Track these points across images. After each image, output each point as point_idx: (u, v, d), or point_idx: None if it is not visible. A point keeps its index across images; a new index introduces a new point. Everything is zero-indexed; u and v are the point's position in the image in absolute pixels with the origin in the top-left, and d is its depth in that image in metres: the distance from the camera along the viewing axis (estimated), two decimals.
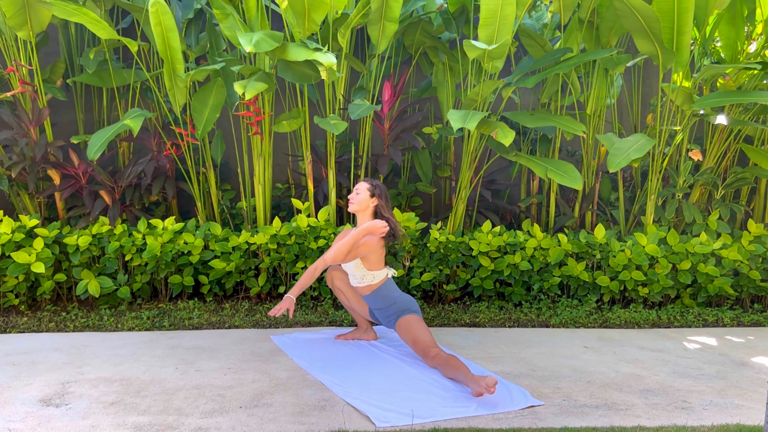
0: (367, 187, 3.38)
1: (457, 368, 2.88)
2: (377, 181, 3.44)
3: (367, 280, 3.32)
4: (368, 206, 3.36)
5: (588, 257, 4.43)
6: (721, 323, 4.26)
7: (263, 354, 3.34)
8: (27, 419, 2.47)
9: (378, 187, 3.39)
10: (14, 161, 4.29)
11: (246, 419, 2.50)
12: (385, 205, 3.38)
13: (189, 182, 4.52)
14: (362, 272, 3.31)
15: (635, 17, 3.95)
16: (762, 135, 4.97)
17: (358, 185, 3.42)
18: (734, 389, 2.97)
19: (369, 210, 3.37)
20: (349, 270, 3.38)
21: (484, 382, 2.65)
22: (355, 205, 3.37)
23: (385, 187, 3.46)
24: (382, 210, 3.36)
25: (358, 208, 3.37)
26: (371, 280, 3.31)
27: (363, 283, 3.33)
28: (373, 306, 3.39)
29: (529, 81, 4.17)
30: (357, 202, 3.37)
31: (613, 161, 3.99)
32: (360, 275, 3.33)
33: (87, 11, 3.78)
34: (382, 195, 3.38)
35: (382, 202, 3.37)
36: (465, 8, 4.54)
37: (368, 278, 3.31)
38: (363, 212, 3.38)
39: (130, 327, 3.84)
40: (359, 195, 3.36)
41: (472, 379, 2.75)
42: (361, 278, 3.33)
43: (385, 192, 3.43)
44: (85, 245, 4.11)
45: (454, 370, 2.89)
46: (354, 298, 3.53)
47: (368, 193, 3.36)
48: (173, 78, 4.13)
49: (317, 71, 4.00)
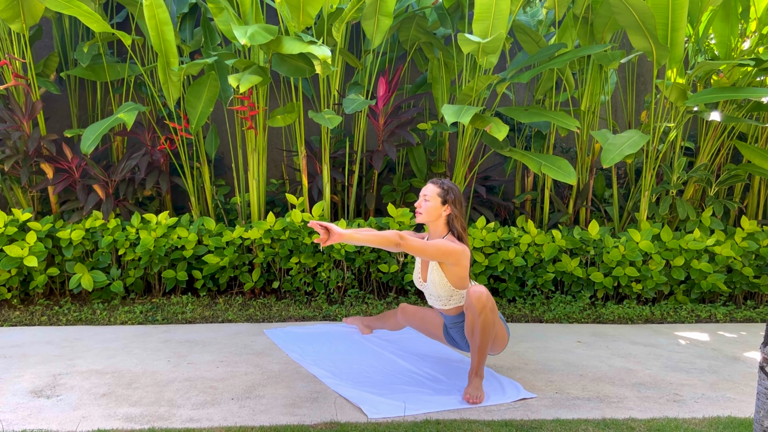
0: (438, 192, 2.79)
1: (484, 352, 2.71)
2: (449, 183, 2.83)
3: (454, 301, 2.84)
4: (440, 215, 2.79)
5: (582, 253, 4.44)
6: (714, 319, 4.27)
7: (256, 347, 3.34)
8: (18, 410, 2.46)
9: (451, 191, 2.79)
10: (7, 155, 4.27)
11: (238, 410, 2.50)
12: (459, 214, 2.79)
13: (183, 177, 4.51)
14: (449, 292, 2.82)
15: (629, 13, 3.95)
16: (755, 132, 4.99)
17: (425, 189, 2.82)
18: (726, 383, 2.98)
19: (441, 220, 2.80)
20: (431, 291, 2.87)
21: (476, 393, 2.65)
22: (423, 215, 2.80)
23: (458, 189, 2.85)
24: (454, 221, 2.79)
25: (428, 218, 2.80)
26: (458, 301, 2.83)
27: (450, 304, 2.85)
28: (452, 322, 2.95)
29: (523, 76, 4.18)
30: (426, 211, 2.79)
31: (607, 157, 4.00)
32: (447, 296, 2.82)
33: (80, 4, 3.76)
34: (456, 201, 2.79)
35: (455, 210, 2.78)
36: (460, 4, 4.54)
37: (456, 298, 2.83)
38: (434, 222, 2.81)
39: (122, 321, 3.83)
40: (428, 202, 2.79)
41: (479, 375, 2.72)
42: (448, 299, 2.84)
43: (459, 196, 2.81)
44: (79, 239, 4.10)
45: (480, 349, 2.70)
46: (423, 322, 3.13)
47: (439, 200, 2.78)
48: (167, 72, 4.12)
49: (312, 65, 4.00)
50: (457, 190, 2.83)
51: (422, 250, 2.66)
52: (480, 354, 2.70)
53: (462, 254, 2.73)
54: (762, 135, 4.95)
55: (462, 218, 2.81)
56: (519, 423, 2.43)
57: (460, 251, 2.72)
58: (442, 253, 2.70)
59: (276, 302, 4.28)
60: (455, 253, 2.71)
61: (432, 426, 2.37)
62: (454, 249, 2.71)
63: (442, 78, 4.83)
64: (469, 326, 2.69)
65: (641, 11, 3.92)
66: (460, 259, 2.73)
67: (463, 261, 2.75)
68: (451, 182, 2.86)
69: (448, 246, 2.71)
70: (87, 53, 4.37)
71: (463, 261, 2.74)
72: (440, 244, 2.70)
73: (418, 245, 2.64)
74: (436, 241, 2.72)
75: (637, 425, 2.43)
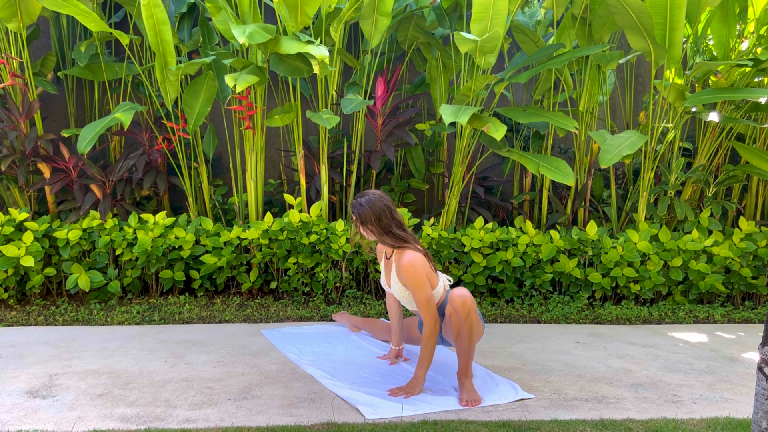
0: (356, 222, 2.80)
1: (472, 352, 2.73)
2: (359, 201, 2.77)
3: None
4: (372, 234, 2.77)
5: (580, 254, 4.44)
6: (711, 320, 4.27)
7: (253, 348, 3.33)
8: (13, 410, 2.45)
9: (360, 210, 2.75)
10: (4, 154, 4.26)
11: (235, 411, 2.49)
12: (383, 223, 2.73)
13: (180, 177, 4.50)
14: (411, 299, 2.86)
15: (627, 13, 3.95)
16: (753, 133, 4.99)
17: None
18: (724, 384, 2.98)
19: (377, 237, 2.78)
20: (397, 295, 2.92)
21: (473, 397, 2.65)
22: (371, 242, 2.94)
23: (371, 198, 2.76)
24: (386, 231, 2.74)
25: (375, 241, 2.93)
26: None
27: (416, 307, 2.86)
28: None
29: (521, 77, 4.17)
30: (370, 239, 2.84)
31: (605, 157, 3.99)
32: (410, 301, 2.87)
33: (78, 3, 3.75)
34: (371, 216, 2.73)
35: (380, 222, 2.72)
36: (458, 4, 4.53)
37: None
38: (379, 241, 2.83)
39: (119, 321, 3.82)
40: (362, 233, 2.82)
41: (468, 375, 2.72)
42: (412, 304, 2.88)
43: (373, 207, 2.73)
44: (76, 239, 4.08)
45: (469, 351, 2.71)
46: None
47: (362, 226, 2.78)
48: (165, 71, 4.11)
49: (310, 65, 3.99)
50: (369, 201, 2.74)
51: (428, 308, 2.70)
52: (468, 356, 2.71)
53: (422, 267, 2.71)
54: (760, 136, 4.96)
55: (390, 220, 2.74)
56: (517, 424, 2.42)
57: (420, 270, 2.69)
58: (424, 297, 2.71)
59: (273, 302, 4.27)
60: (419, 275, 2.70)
61: (429, 427, 2.37)
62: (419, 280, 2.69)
63: (440, 78, 4.83)
64: (455, 330, 2.68)
65: (639, 11, 3.91)
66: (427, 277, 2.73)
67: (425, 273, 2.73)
68: (362, 199, 2.77)
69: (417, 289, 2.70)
70: (84, 53, 4.36)
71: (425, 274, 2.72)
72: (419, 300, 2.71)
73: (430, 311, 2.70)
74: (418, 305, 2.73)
75: (635, 426, 2.42)
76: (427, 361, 2.72)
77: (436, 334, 2.71)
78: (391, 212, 2.76)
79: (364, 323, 3.60)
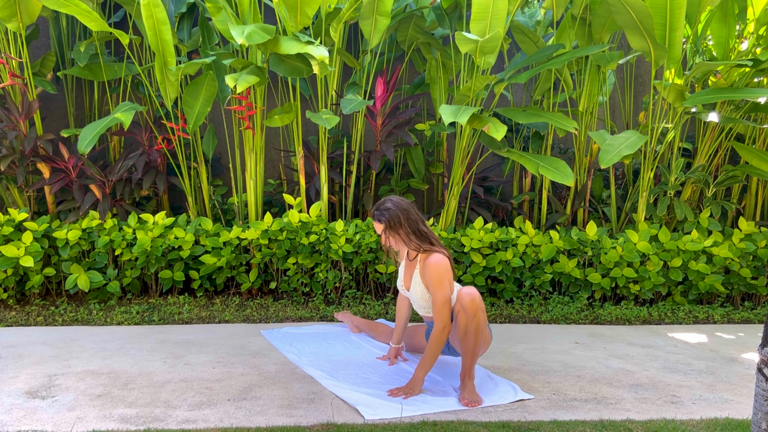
0: (381, 228, 2.79)
1: (477, 353, 2.73)
2: (385, 205, 2.78)
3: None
4: (400, 239, 2.78)
5: (579, 254, 4.43)
6: (711, 320, 4.27)
7: (253, 348, 3.32)
8: (12, 411, 2.45)
9: (388, 214, 2.76)
10: (3, 154, 4.26)
11: (234, 411, 2.49)
12: (414, 225, 2.75)
13: (180, 177, 4.50)
14: (430, 302, 2.83)
15: (628, 13, 3.95)
16: (753, 133, 4.99)
17: (375, 228, 2.83)
18: (723, 384, 2.97)
19: (403, 241, 2.78)
20: (413, 298, 2.91)
21: (474, 398, 2.65)
22: (398, 250, 2.92)
23: (396, 201, 2.78)
24: (413, 234, 2.75)
25: (398, 248, 2.89)
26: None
27: (432, 312, 2.81)
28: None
29: (521, 77, 4.17)
30: (393, 245, 2.84)
31: (605, 157, 4.00)
32: (428, 305, 2.85)
33: (78, 2, 3.75)
34: (400, 219, 2.74)
35: (406, 226, 2.74)
36: (458, 4, 4.53)
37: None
38: (403, 247, 2.86)
39: (119, 321, 3.82)
40: (385, 238, 2.80)
41: (471, 376, 2.72)
42: (430, 307, 2.85)
43: (400, 209, 2.75)
44: (75, 239, 4.08)
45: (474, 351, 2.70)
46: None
47: (389, 231, 2.77)
48: (165, 71, 4.11)
49: (309, 65, 3.99)
50: (395, 205, 2.76)
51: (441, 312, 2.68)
52: (472, 356, 2.70)
53: (447, 272, 2.71)
54: (760, 136, 4.96)
55: (416, 225, 2.76)
56: (516, 424, 2.42)
57: (444, 273, 2.70)
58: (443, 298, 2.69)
59: (273, 303, 4.27)
60: (444, 277, 2.69)
61: (429, 427, 2.36)
62: (443, 281, 2.69)
63: (440, 78, 4.83)
64: (462, 329, 2.66)
65: (639, 11, 3.91)
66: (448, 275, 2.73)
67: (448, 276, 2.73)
68: (387, 203, 2.79)
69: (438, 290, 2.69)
70: (84, 52, 4.36)
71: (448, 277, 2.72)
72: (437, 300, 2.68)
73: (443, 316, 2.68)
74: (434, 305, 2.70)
75: (634, 427, 2.42)
76: (429, 364, 2.72)
77: (444, 338, 2.69)
78: (414, 209, 2.81)
79: (366, 325, 3.60)
